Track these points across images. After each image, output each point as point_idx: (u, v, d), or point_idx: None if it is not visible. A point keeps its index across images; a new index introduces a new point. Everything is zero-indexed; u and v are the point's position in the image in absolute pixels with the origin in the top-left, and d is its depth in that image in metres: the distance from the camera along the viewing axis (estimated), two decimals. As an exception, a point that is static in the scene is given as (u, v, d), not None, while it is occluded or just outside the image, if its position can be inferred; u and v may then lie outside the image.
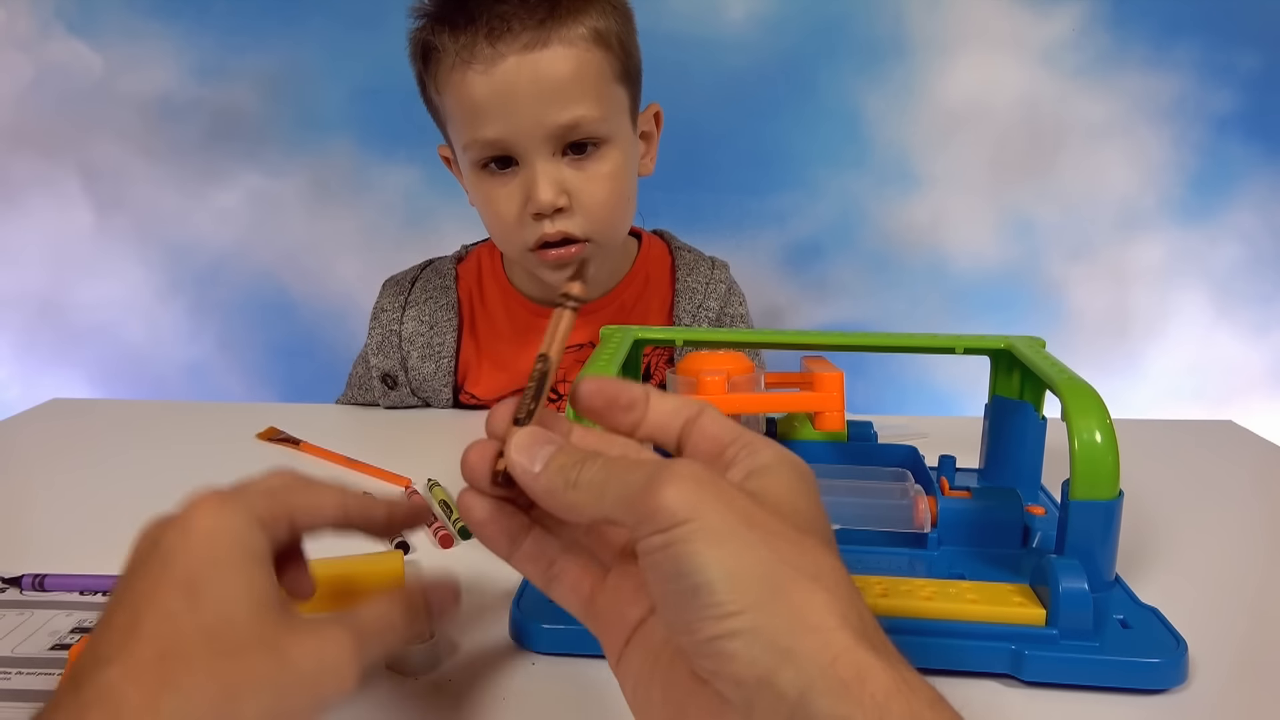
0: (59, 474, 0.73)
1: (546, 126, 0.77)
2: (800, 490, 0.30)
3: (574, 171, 0.79)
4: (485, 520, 0.32)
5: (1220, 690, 0.43)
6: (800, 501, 0.29)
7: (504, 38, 0.74)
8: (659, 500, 0.26)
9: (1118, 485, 0.47)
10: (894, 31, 1.41)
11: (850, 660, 0.24)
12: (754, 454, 0.30)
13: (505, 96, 0.75)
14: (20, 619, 0.48)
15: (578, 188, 0.79)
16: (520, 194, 0.79)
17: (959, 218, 1.48)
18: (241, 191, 1.50)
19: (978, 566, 0.51)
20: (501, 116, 0.76)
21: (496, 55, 0.74)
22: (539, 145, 0.77)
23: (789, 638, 0.24)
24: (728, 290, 0.98)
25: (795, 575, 0.26)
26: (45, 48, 1.45)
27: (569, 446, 0.31)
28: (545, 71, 0.75)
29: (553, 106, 0.76)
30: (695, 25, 1.41)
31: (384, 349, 0.92)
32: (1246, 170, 1.44)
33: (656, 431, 0.32)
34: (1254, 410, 1.51)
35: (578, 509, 0.29)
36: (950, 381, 1.53)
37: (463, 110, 0.78)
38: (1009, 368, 0.63)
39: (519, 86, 0.75)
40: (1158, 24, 1.39)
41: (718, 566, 0.25)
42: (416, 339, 0.92)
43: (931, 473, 0.60)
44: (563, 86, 0.76)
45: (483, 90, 0.76)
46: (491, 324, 0.95)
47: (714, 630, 0.25)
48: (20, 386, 1.58)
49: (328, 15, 1.43)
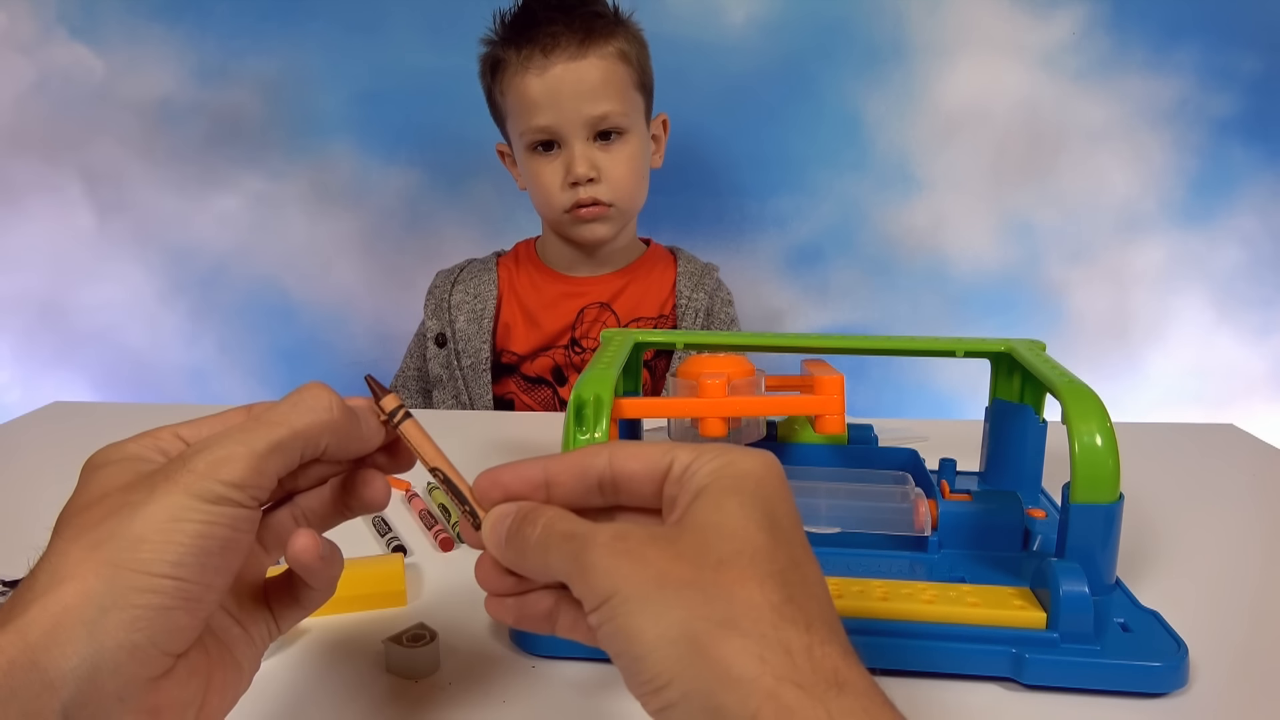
0: (60, 477, 0.73)
1: (583, 115, 1.01)
2: (732, 507, 0.28)
3: (602, 153, 1.04)
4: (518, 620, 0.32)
5: (1221, 694, 0.43)
6: (731, 520, 0.28)
7: (554, 51, 1.00)
8: (587, 578, 0.27)
9: (1118, 488, 0.47)
10: (894, 35, 1.41)
11: (772, 709, 0.24)
12: (689, 483, 0.29)
13: (553, 94, 1.00)
14: (20, 622, 0.48)
15: (605, 165, 1.04)
16: (562, 169, 1.05)
17: (959, 221, 1.48)
18: (242, 195, 1.51)
19: (978, 570, 0.51)
20: (550, 108, 1.01)
21: (549, 64, 1.00)
22: (577, 130, 1.02)
23: (714, 697, 0.24)
24: (716, 287, 1.20)
25: (709, 628, 0.25)
26: (47, 51, 1.45)
27: (521, 510, 0.31)
28: (584, 76, 1.00)
29: (588, 102, 1.01)
30: (696, 29, 1.41)
31: (437, 314, 1.15)
32: (1247, 173, 1.44)
33: (572, 499, 0.31)
34: (1255, 414, 1.51)
35: (538, 575, 0.30)
36: (951, 385, 1.53)
37: (521, 105, 1.03)
38: (1009, 371, 0.63)
39: (564, 86, 1.00)
40: (1158, 27, 1.39)
41: (643, 639, 0.25)
42: (463, 306, 1.14)
43: (932, 476, 0.60)
44: (596, 88, 1.01)
45: (537, 89, 1.01)
46: (528, 290, 1.17)
47: (655, 704, 0.26)
48: (21, 390, 1.58)
49: (328, 19, 1.43)
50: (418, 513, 0.64)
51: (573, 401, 0.50)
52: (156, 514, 0.28)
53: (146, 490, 0.29)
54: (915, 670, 0.44)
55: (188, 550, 0.28)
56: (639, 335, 0.63)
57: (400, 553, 0.57)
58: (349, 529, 0.62)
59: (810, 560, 0.29)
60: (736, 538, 0.27)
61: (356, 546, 0.59)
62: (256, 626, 0.34)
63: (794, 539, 0.29)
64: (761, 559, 0.27)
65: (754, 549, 0.27)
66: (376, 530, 0.61)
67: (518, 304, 1.17)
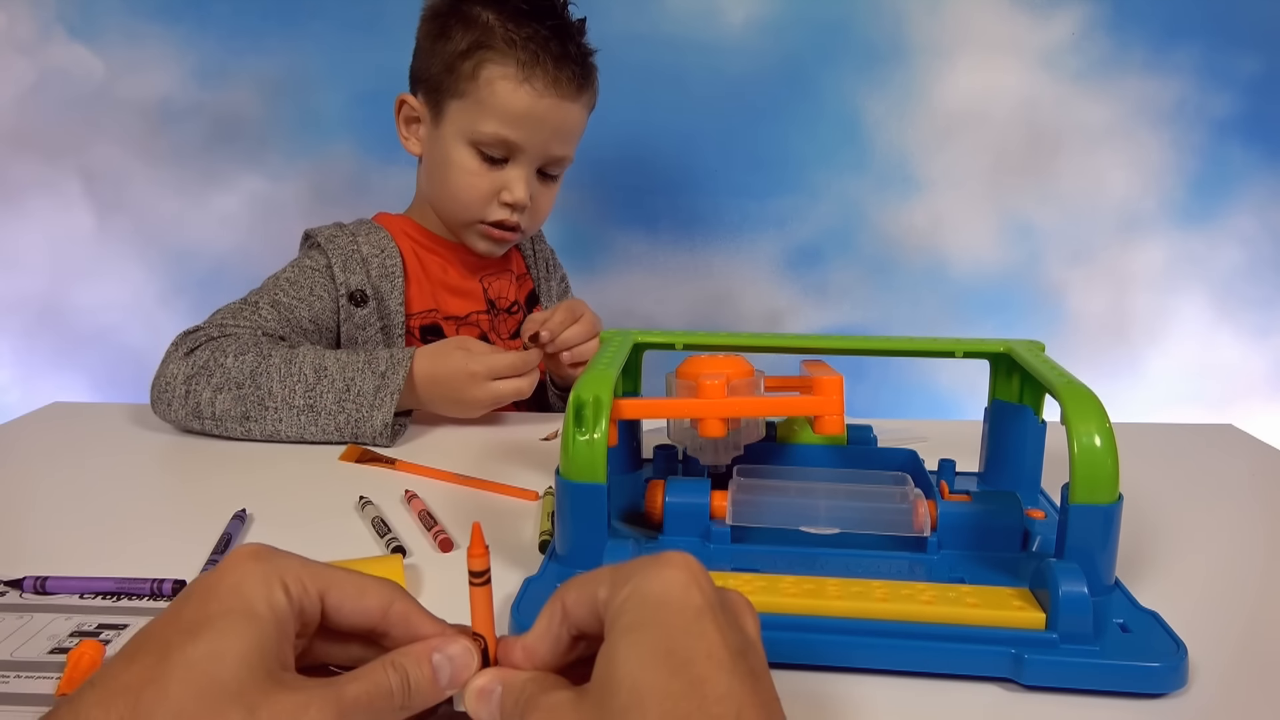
0: (60, 478, 0.74)
1: (548, 153, 1.00)
2: (627, 653, 0.28)
3: (539, 185, 1.03)
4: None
5: (1220, 694, 0.43)
6: (623, 669, 0.28)
7: (560, 83, 0.97)
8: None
9: (1117, 489, 0.47)
10: (894, 35, 1.41)
11: None
12: (609, 619, 0.30)
13: (538, 120, 0.97)
14: (20, 623, 0.48)
15: (537, 197, 1.03)
16: (498, 185, 1.00)
17: (959, 221, 1.49)
18: (242, 195, 1.51)
19: (977, 570, 0.51)
20: (526, 130, 0.98)
21: (549, 91, 0.96)
22: (532, 159, 1.00)
23: None
24: (540, 237, 1.24)
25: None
26: (46, 51, 1.45)
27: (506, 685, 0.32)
28: (567, 119, 1.00)
29: (558, 143, 1.00)
30: (695, 29, 1.41)
31: (349, 266, 0.99)
32: (1246, 173, 1.45)
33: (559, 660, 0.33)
34: (1254, 414, 1.51)
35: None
36: (950, 385, 1.53)
37: (497, 109, 0.96)
38: (1009, 371, 0.63)
39: (550, 119, 0.98)
40: (1157, 27, 1.40)
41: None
42: (373, 259, 1.01)
43: (931, 476, 0.61)
44: (571, 132, 1.02)
45: (526, 107, 0.96)
46: (427, 254, 1.08)
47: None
48: (21, 390, 1.58)
49: (328, 19, 1.43)
50: (417, 513, 0.64)
51: (572, 402, 0.50)
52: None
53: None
54: (915, 671, 0.44)
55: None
56: (639, 335, 0.63)
57: (400, 553, 0.57)
58: (348, 528, 0.62)
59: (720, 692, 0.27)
60: (625, 690, 0.27)
61: (356, 547, 0.59)
62: None
63: (699, 673, 0.28)
64: (651, 707, 0.27)
65: (642, 700, 0.27)
66: (376, 531, 0.61)
67: (421, 263, 1.07)
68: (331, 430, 0.82)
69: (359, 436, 0.82)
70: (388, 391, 0.82)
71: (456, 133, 0.99)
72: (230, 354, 0.85)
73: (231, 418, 0.82)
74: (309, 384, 0.83)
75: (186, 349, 0.86)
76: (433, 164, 1.03)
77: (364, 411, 0.81)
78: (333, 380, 0.83)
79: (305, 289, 0.97)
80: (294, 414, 0.82)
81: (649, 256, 1.52)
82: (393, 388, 0.82)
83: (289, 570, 0.32)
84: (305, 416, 0.82)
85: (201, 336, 0.88)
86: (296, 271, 0.99)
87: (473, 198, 1.01)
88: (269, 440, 0.83)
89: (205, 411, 0.83)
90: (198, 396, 0.83)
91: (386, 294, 1.00)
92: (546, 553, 0.53)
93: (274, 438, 0.82)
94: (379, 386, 0.83)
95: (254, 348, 0.86)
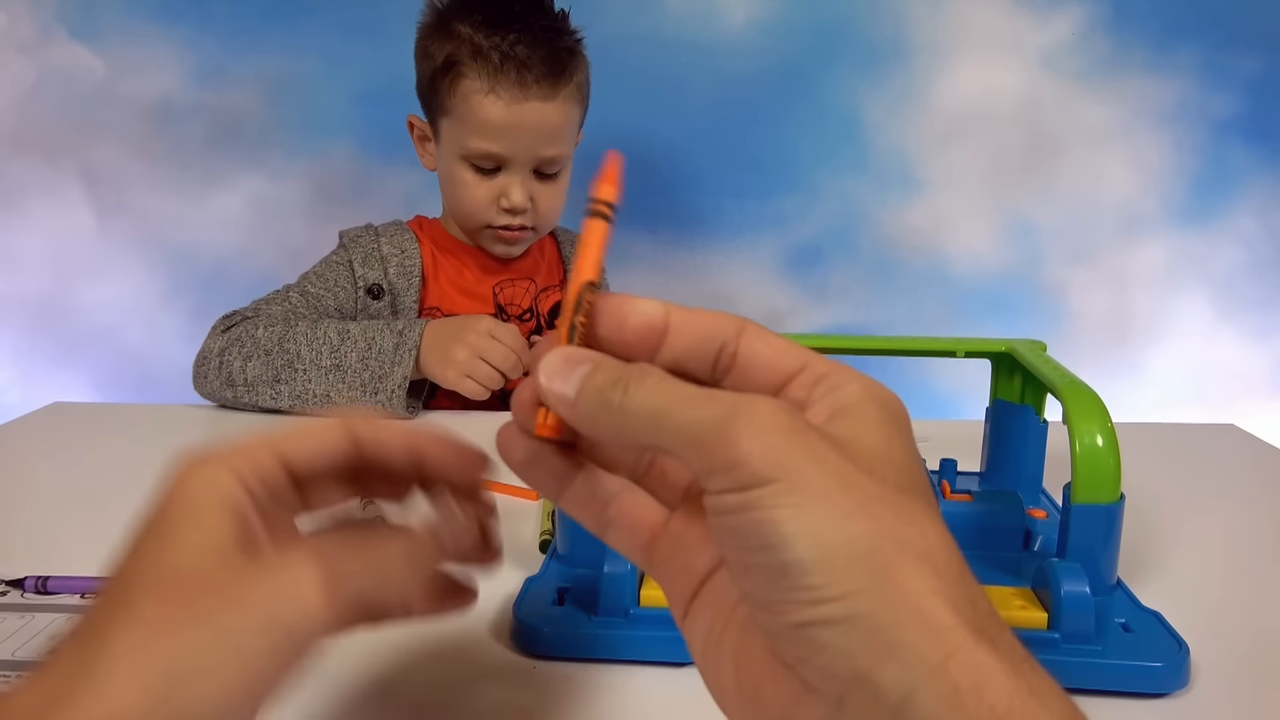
0: (61, 478, 0.74)
1: (536, 155, 1.01)
2: (894, 436, 0.24)
3: (538, 184, 1.05)
4: (527, 462, 0.28)
5: (1222, 694, 0.43)
6: (896, 451, 0.24)
7: (529, 86, 0.97)
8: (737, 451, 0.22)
9: (1119, 489, 0.47)
10: (894, 35, 1.41)
11: (967, 662, 0.20)
12: (834, 389, 0.25)
13: (515, 127, 0.99)
14: (21, 622, 0.48)
15: (538, 196, 1.05)
16: (496, 190, 1.03)
17: (960, 221, 1.48)
18: (243, 195, 1.50)
19: (979, 570, 0.51)
20: (506, 139, 0.99)
21: (520, 97, 0.97)
22: (524, 164, 1.02)
23: (895, 630, 0.20)
24: None
25: (901, 553, 0.21)
26: (46, 51, 1.45)
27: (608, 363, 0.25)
28: (547, 119, 1.00)
29: (544, 144, 1.01)
30: (695, 30, 1.41)
31: (368, 262, 1.07)
32: (1247, 173, 1.44)
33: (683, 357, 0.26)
34: (1255, 413, 1.51)
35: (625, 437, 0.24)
36: (951, 385, 1.53)
37: (475, 124, 0.99)
38: (1010, 371, 0.63)
39: (527, 123, 0.99)
40: (1158, 27, 1.40)
41: (810, 541, 0.21)
42: (392, 258, 1.08)
43: (932, 476, 0.60)
44: (556, 131, 1.01)
45: (500, 117, 0.98)
46: (446, 257, 1.13)
47: (804, 616, 0.21)
48: (21, 390, 1.58)
49: (329, 19, 1.43)
50: (418, 513, 0.64)
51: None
52: (220, 646, 0.25)
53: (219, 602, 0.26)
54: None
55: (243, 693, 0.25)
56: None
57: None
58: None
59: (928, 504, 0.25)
60: (909, 470, 0.24)
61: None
62: None
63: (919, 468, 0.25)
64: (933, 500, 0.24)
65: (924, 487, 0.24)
66: (377, 530, 0.61)
67: (437, 266, 1.12)
68: (357, 387, 0.88)
69: (379, 393, 0.87)
70: (405, 348, 0.89)
71: (451, 150, 1.04)
72: (261, 327, 0.93)
73: (263, 381, 0.89)
74: (334, 345, 0.90)
75: (223, 328, 0.96)
76: (441, 179, 1.10)
77: (385, 368, 0.88)
78: (355, 341, 0.90)
79: (330, 280, 1.07)
80: (321, 374, 0.88)
81: (649, 256, 1.52)
82: (410, 344, 0.90)
83: (236, 456, 0.29)
84: (333, 375, 0.89)
85: (237, 317, 0.98)
86: (324, 266, 1.09)
87: (475, 207, 1.05)
88: (297, 403, 0.88)
89: (238, 379, 0.90)
90: (230, 366, 0.91)
91: (402, 290, 1.07)
92: (547, 552, 0.53)
93: (303, 398, 0.88)
94: (398, 344, 0.90)
95: (282, 320, 0.95)
